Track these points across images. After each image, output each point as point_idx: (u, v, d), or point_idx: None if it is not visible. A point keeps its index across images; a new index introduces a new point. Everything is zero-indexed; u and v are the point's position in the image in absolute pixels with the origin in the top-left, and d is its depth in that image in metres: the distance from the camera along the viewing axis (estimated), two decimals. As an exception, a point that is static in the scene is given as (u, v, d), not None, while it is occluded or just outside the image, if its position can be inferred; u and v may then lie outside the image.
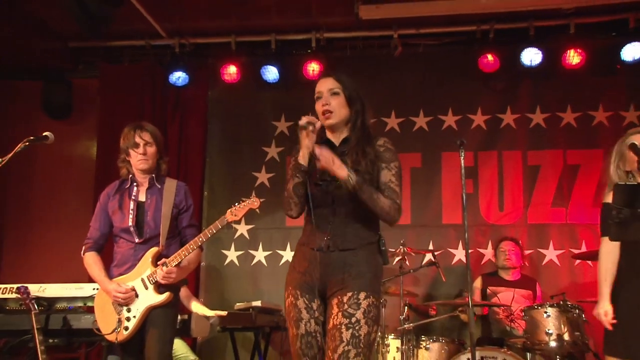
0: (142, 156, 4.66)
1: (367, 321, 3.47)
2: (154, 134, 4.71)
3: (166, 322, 4.58)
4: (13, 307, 6.19)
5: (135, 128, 4.70)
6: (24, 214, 8.49)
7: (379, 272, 3.71)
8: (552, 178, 7.78)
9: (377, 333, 3.61)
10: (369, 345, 3.46)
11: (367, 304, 3.50)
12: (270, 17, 7.86)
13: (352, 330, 3.44)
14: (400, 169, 3.77)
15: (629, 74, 7.70)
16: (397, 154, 3.81)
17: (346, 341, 3.43)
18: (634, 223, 4.13)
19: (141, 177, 4.75)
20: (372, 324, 3.50)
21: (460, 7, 7.48)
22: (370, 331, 3.48)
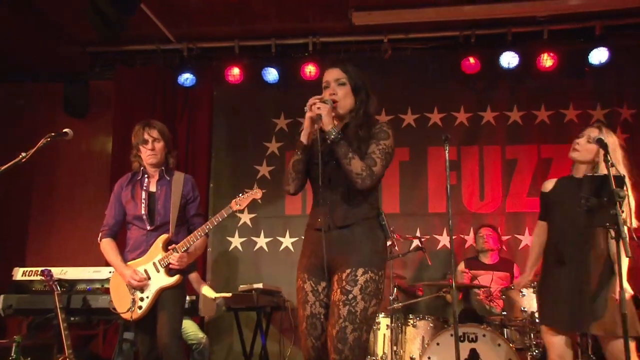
0: (151, 151, 4.72)
1: (363, 297, 3.41)
2: (162, 131, 4.77)
3: (176, 302, 4.63)
4: (38, 288, 6.26)
5: (144, 126, 4.75)
6: (48, 204, 8.52)
7: (380, 246, 3.61)
8: (528, 170, 7.84)
9: (377, 306, 3.49)
10: (366, 320, 3.41)
11: (364, 280, 3.44)
12: (270, 23, 7.87)
13: (349, 306, 3.39)
14: (389, 148, 3.60)
15: (596, 76, 7.77)
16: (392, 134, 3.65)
17: (343, 317, 3.38)
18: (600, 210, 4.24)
19: (151, 170, 4.81)
20: (370, 298, 3.43)
21: (445, 14, 7.49)
22: (368, 306, 3.41)
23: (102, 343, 7.30)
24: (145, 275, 4.63)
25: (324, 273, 3.59)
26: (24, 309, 6.31)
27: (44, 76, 8.48)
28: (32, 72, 8.46)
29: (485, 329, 5.67)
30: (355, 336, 3.36)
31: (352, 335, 3.35)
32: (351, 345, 3.35)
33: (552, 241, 4.61)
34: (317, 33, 8.01)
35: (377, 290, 3.48)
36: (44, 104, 8.49)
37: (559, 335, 4.44)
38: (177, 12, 7.55)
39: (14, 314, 6.32)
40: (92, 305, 6.24)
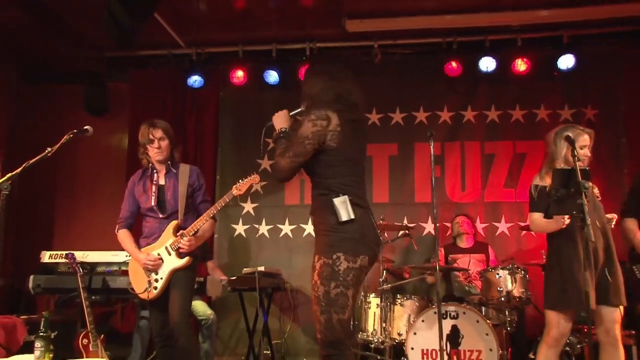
0: (157, 150, 4.74)
1: (322, 281, 3.36)
2: (165, 130, 4.76)
3: (186, 282, 4.65)
4: (63, 269, 6.34)
5: (148, 126, 4.75)
6: (70, 194, 8.54)
7: (332, 231, 3.42)
8: (504, 164, 7.85)
9: (339, 288, 3.34)
10: (332, 302, 3.33)
11: (319, 266, 3.39)
12: (271, 30, 7.87)
13: (315, 292, 3.39)
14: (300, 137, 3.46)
15: (564, 80, 7.81)
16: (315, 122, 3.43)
17: (313, 302, 3.42)
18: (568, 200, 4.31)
19: (159, 165, 4.82)
20: (328, 282, 3.33)
21: (430, 23, 7.53)
22: (329, 289, 3.33)
23: (120, 319, 7.33)
24: (158, 257, 4.66)
25: None
26: (50, 288, 6.41)
27: (67, 78, 8.48)
28: (56, 75, 8.47)
29: (465, 307, 5.71)
30: (325, 318, 3.33)
31: (322, 317, 3.34)
32: (324, 325, 3.34)
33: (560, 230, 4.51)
34: (314, 39, 8.00)
35: (333, 273, 3.35)
36: (67, 103, 8.47)
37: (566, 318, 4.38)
38: (186, 20, 7.57)
39: (42, 292, 6.43)
40: (110, 286, 6.33)
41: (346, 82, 3.67)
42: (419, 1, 7.22)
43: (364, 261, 3.42)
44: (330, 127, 3.46)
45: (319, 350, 3.41)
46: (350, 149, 3.55)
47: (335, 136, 3.47)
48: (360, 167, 3.66)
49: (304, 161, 3.50)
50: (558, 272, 4.48)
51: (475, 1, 7.21)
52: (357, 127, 3.59)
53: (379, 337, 6.04)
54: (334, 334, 3.32)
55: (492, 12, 7.34)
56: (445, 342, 5.50)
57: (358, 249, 3.41)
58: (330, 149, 3.48)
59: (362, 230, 3.46)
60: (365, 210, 3.54)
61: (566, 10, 7.23)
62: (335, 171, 3.50)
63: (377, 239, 3.57)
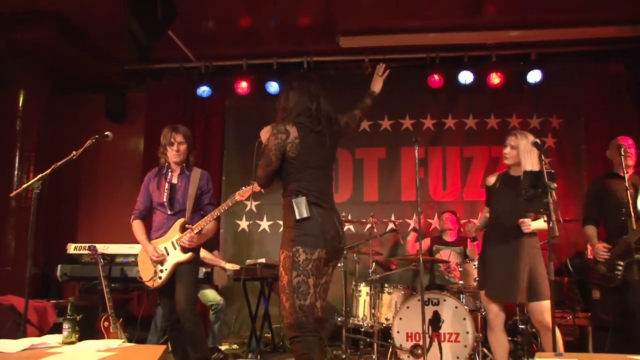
0: (176, 152, 4.75)
1: (285, 271, 3.42)
2: (186, 135, 4.78)
3: (190, 274, 4.66)
4: (86, 260, 6.40)
5: (172, 130, 4.76)
6: (92, 193, 8.58)
7: (292, 227, 3.48)
8: (481, 166, 7.90)
9: (300, 277, 3.40)
10: (294, 289, 3.38)
11: (282, 258, 3.46)
12: (272, 46, 7.90)
13: (280, 282, 3.45)
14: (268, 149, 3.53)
15: (532, 92, 7.84)
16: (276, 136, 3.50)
17: (280, 291, 3.47)
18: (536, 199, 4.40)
19: (174, 165, 4.83)
20: (290, 272, 3.40)
21: (415, 40, 7.60)
22: (291, 278, 3.39)
23: (137, 304, 7.34)
24: (164, 252, 4.67)
25: None
26: (76, 277, 6.50)
27: (91, 89, 8.50)
28: (81, 86, 8.49)
29: (446, 295, 5.71)
30: (289, 304, 3.38)
31: (287, 304, 3.39)
32: (288, 311, 3.39)
33: (491, 224, 4.71)
34: (311, 53, 8.03)
35: (294, 264, 3.41)
36: (90, 112, 8.51)
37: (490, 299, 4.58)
38: (196, 37, 7.61)
39: (68, 280, 6.53)
40: (128, 275, 6.39)
41: (317, 97, 3.69)
42: (405, 21, 7.26)
43: (322, 254, 3.46)
44: (288, 139, 3.51)
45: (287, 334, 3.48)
46: (311, 158, 3.58)
47: (294, 147, 3.52)
48: (323, 172, 3.67)
49: (272, 170, 3.57)
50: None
51: (455, 22, 7.27)
52: (321, 138, 3.61)
53: (368, 322, 6.05)
54: (296, 318, 3.36)
55: (470, 32, 7.42)
56: (427, 326, 5.50)
57: (316, 243, 3.45)
58: (290, 159, 3.54)
59: (320, 227, 3.49)
60: (327, 210, 3.58)
61: (534, 31, 7.36)
62: (296, 177, 3.55)
63: (337, 236, 3.59)
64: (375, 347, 6.13)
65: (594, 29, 7.25)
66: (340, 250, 3.68)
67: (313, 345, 3.40)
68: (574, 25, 7.21)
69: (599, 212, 5.42)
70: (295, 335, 3.37)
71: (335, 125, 3.80)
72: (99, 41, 7.61)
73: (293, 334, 3.39)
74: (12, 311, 5.48)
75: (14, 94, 7.31)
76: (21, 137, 7.24)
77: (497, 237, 4.60)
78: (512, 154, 4.63)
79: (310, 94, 3.69)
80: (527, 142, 4.55)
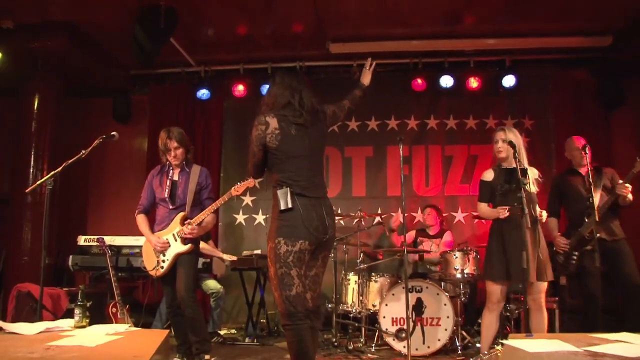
0: (173, 157, 4.78)
1: (270, 263, 3.37)
2: (180, 140, 4.75)
3: (189, 264, 4.70)
4: (95, 251, 6.46)
5: (166, 137, 4.75)
6: (100, 189, 8.58)
7: (275, 219, 3.41)
8: (461, 164, 7.92)
9: (282, 269, 3.32)
10: (280, 280, 3.31)
11: (268, 250, 3.39)
12: (267, 51, 7.89)
13: (268, 272, 3.45)
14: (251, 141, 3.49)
15: (507, 95, 7.87)
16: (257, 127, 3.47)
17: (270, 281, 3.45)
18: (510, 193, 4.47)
19: (175, 164, 4.85)
20: (274, 264, 3.33)
21: (399, 47, 7.63)
22: (275, 270, 3.33)
23: (142, 292, 7.37)
24: (166, 240, 4.71)
25: None
26: (85, 266, 6.56)
27: (99, 93, 8.49)
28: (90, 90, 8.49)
29: (428, 283, 5.75)
30: (278, 294, 3.32)
31: (276, 294, 3.34)
32: (277, 300, 3.34)
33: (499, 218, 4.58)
34: (303, 59, 8.03)
35: (276, 256, 3.33)
36: (98, 113, 8.50)
37: (502, 287, 4.55)
38: (196, 43, 7.61)
39: (79, 269, 6.60)
40: (134, 265, 6.46)
41: (299, 91, 3.58)
42: (391, 29, 7.28)
43: (304, 245, 3.35)
44: (268, 130, 3.43)
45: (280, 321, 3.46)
46: (294, 148, 3.45)
47: (274, 138, 3.43)
48: (310, 161, 3.51)
49: (258, 160, 3.50)
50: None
51: (436, 30, 7.29)
52: (304, 129, 3.50)
53: (356, 308, 6.08)
54: (285, 308, 3.31)
55: (450, 39, 7.46)
56: (411, 311, 5.47)
57: (297, 234, 3.34)
58: (272, 149, 3.45)
59: (301, 218, 3.36)
60: (311, 200, 3.43)
61: (509, 40, 7.42)
62: (280, 167, 3.46)
63: (322, 226, 3.43)
64: (363, 331, 6.20)
65: (562, 39, 7.35)
66: (327, 241, 3.52)
67: (303, 333, 3.33)
68: (544, 35, 7.28)
69: (559, 206, 5.55)
70: (286, 324, 3.33)
71: (322, 114, 3.68)
72: (106, 48, 7.61)
73: (284, 322, 3.35)
74: (29, 297, 5.53)
75: (29, 99, 7.37)
76: (36, 138, 7.30)
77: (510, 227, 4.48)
78: (504, 147, 4.61)
79: (292, 88, 3.59)
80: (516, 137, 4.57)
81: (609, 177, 5.34)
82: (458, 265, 5.82)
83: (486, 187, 4.75)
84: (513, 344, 2.61)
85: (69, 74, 7.60)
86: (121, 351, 2.58)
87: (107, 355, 2.47)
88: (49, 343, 2.64)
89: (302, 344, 3.31)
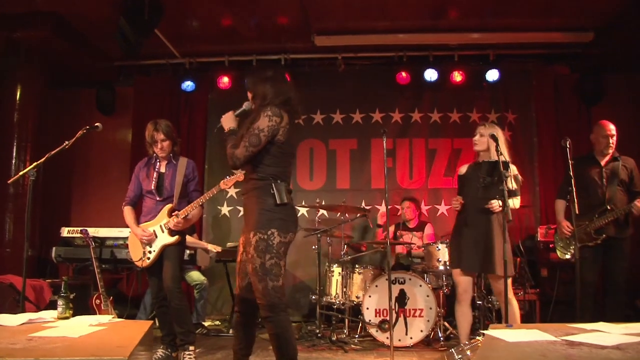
0: (160, 150, 4.78)
1: (258, 254, 3.32)
2: (167, 132, 4.74)
3: (176, 255, 4.71)
4: (78, 242, 6.43)
5: (154, 129, 4.74)
6: (84, 180, 8.51)
7: (269, 211, 3.40)
8: (444, 157, 7.95)
9: (273, 259, 3.34)
10: (267, 271, 3.30)
11: (255, 241, 3.35)
12: (252, 44, 7.88)
13: (251, 264, 3.34)
14: (257, 129, 3.39)
15: (491, 89, 7.93)
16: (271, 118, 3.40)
17: (250, 273, 3.37)
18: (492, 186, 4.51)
19: (162, 157, 4.85)
20: (263, 254, 3.31)
21: (384, 40, 7.64)
22: (264, 261, 3.31)
23: (126, 284, 7.37)
24: (153, 233, 4.71)
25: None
26: (69, 258, 6.53)
27: (83, 84, 8.44)
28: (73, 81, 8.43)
29: (411, 274, 5.79)
30: (263, 285, 3.30)
31: (260, 285, 3.30)
32: (262, 292, 3.30)
33: (464, 208, 4.74)
34: (288, 51, 8.02)
35: (268, 247, 3.33)
36: (82, 105, 8.45)
37: (465, 276, 4.66)
38: (182, 35, 7.57)
39: (62, 261, 6.57)
40: (117, 256, 6.45)
41: (291, 90, 3.64)
42: (376, 22, 7.29)
43: (291, 237, 3.46)
44: (282, 123, 3.44)
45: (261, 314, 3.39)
46: (292, 146, 3.59)
47: (285, 132, 3.45)
48: (294, 160, 3.71)
49: (257, 151, 3.43)
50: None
51: (421, 24, 7.30)
52: (296, 127, 3.61)
53: (340, 300, 6.11)
54: (269, 299, 3.30)
55: (435, 33, 7.48)
56: (394, 302, 5.60)
57: (288, 227, 3.44)
58: (279, 143, 3.45)
59: (291, 212, 3.51)
60: (291, 197, 3.55)
61: (493, 34, 7.45)
62: (277, 161, 3.48)
63: (297, 222, 3.58)
64: (347, 322, 6.21)
65: (544, 34, 7.40)
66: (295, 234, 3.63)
67: (287, 324, 3.38)
68: (527, 30, 7.33)
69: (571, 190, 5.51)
70: (269, 316, 3.33)
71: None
72: (91, 39, 7.55)
73: (266, 314, 3.33)
74: (12, 289, 5.49)
75: (12, 89, 7.26)
76: (18, 129, 7.19)
77: (471, 218, 4.66)
78: (481, 141, 4.71)
79: (288, 84, 3.69)
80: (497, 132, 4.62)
81: (628, 170, 5.24)
82: (441, 257, 5.85)
83: (459, 181, 4.96)
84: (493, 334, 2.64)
85: (52, 65, 7.54)
86: (104, 342, 2.57)
87: (90, 345, 2.46)
88: (31, 334, 2.62)
89: (288, 334, 3.35)
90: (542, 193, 7.68)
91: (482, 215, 4.58)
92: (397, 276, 5.78)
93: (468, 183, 4.80)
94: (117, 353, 2.23)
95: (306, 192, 8.02)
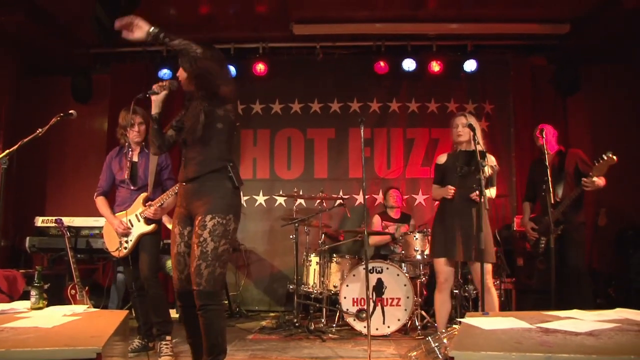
0: (136, 133, 4.75)
1: (212, 238, 3.22)
2: (144, 116, 4.70)
3: (152, 244, 4.69)
4: (53, 232, 6.35)
5: (130, 112, 4.59)
6: (59, 168, 8.41)
7: (227, 195, 3.34)
8: (422, 147, 7.97)
9: (226, 245, 3.28)
10: (217, 257, 3.22)
11: (212, 224, 3.24)
12: (230, 32, 7.82)
13: (201, 247, 3.21)
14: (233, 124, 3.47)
15: (468, 80, 7.96)
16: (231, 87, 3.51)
17: (197, 256, 3.22)
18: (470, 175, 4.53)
19: (134, 145, 4.82)
20: (219, 239, 3.23)
21: (363, 29, 7.63)
22: (217, 246, 3.23)
23: (102, 274, 7.30)
24: (129, 225, 4.68)
25: (188, 219, 3.42)
26: (43, 248, 6.44)
27: (58, 71, 8.30)
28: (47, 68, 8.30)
29: (389, 264, 5.82)
30: (209, 271, 3.20)
31: (207, 271, 3.20)
32: (206, 278, 3.19)
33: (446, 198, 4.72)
34: (266, 40, 7.98)
35: (224, 232, 3.27)
36: (57, 92, 8.28)
37: (446, 265, 4.68)
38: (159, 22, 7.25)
39: (37, 251, 6.47)
40: (93, 246, 6.39)
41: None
42: (355, 11, 7.26)
43: (238, 225, 3.41)
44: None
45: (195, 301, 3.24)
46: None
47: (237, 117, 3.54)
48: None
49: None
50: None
51: (399, 13, 7.29)
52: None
53: (318, 289, 6.15)
54: (213, 286, 3.23)
55: (413, 23, 7.48)
56: (371, 291, 5.64)
57: (239, 214, 3.42)
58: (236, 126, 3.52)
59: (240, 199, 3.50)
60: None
61: (471, 25, 7.48)
62: (231, 146, 3.49)
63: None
64: (324, 311, 6.25)
65: (521, 25, 7.45)
66: None
67: (223, 314, 3.38)
68: (505, 21, 7.37)
69: (534, 190, 5.67)
70: (209, 304, 3.23)
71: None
72: (66, 25, 7.39)
73: (206, 302, 3.23)
74: (-16, 280, 5.42)
75: (-18, 76, 7.15)
76: (-10, 117, 7.10)
77: (456, 207, 4.66)
78: (465, 131, 4.70)
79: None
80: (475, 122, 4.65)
81: (573, 162, 5.39)
82: (418, 247, 5.90)
83: (438, 171, 4.92)
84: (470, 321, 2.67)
85: (25, 51, 7.42)
86: (78, 332, 2.54)
87: (63, 336, 2.42)
88: (3, 325, 2.59)
89: (224, 324, 3.35)
90: (518, 183, 7.73)
91: (466, 204, 4.59)
92: (375, 265, 5.80)
93: (450, 172, 4.80)
94: (91, 343, 2.20)
95: (284, 182, 8.01)
